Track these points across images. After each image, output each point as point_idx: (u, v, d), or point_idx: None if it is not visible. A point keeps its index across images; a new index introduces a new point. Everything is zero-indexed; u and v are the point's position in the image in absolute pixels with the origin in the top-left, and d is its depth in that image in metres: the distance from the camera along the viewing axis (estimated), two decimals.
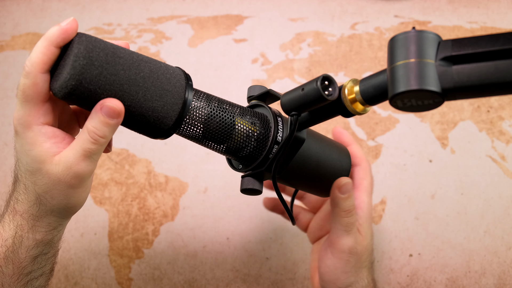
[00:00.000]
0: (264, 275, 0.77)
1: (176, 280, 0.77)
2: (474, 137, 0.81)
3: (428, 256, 0.75)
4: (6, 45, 0.95)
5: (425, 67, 0.41)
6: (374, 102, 0.46)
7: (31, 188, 0.48)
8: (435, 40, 0.42)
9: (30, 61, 0.45)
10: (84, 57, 0.43)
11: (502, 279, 0.73)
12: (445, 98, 0.42)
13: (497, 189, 0.77)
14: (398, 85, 0.41)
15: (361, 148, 0.66)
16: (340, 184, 0.58)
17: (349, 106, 0.47)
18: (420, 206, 0.78)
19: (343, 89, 0.47)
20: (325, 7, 0.94)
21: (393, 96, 0.42)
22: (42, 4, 0.99)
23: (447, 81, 0.41)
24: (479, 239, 0.75)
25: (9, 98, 0.90)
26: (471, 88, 0.41)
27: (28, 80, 0.46)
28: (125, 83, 0.46)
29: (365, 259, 0.61)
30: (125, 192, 0.81)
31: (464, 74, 0.41)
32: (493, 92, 0.41)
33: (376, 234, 0.77)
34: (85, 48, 0.44)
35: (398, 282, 0.74)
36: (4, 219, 0.51)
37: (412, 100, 0.42)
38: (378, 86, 0.45)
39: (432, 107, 0.43)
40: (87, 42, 0.44)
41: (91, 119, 0.46)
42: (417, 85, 0.41)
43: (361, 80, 0.46)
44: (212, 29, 0.94)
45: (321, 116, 0.50)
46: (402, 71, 0.42)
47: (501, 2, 0.91)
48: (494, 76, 0.40)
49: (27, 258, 0.50)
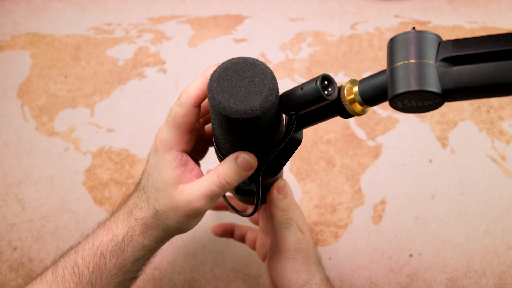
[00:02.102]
0: (264, 275, 0.77)
1: (176, 280, 0.77)
2: (474, 137, 0.81)
3: (428, 256, 0.75)
4: (6, 45, 0.95)
5: (425, 68, 0.41)
6: (374, 103, 0.46)
7: (152, 202, 0.52)
8: (435, 40, 0.42)
9: (187, 93, 0.49)
10: (276, 95, 0.46)
11: (502, 279, 0.73)
12: (445, 99, 0.41)
13: (497, 189, 0.77)
14: (398, 86, 0.41)
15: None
16: (278, 185, 0.60)
17: (348, 106, 0.46)
18: (420, 206, 0.78)
19: (342, 89, 0.46)
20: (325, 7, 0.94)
21: (393, 97, 0.42)
22: (42, 4, 0.99)
23: (448, 82, 0.41)
24: (479, 239, 0.75)
25: (9, 98, 0.90)
26: (471, 89, 0.40)
27: (181, 109, 0.50)
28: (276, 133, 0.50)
29: (311, 254, 0.62)
30: (125, 192, 0.81)
31: (465, 75, 0.40)
32: (493, 93, 0.41)
33: (376, 234, 0.77)
34: (276, 86, 0.47)
35: (398, 282, 0.74)
36: (119, 218, 0.54)
37: (412, 101, 0.42)
38: (377, 87, 0.44)
39: (432, 108, 0.43)
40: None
41: (225, 165, 0.50)
42: (417, 86, 0.40)
43: (361, 81, 0.46)
44: (212, 29, 0.94)
45: (319, 116, 0.50)
46: (402, 72, 0.41)
47: (501, 2, 0.91)
48: (495, 77, 0.39)
49: (131, 257, 0.54)
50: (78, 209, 0.80)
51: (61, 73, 0.92)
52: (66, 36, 0.96)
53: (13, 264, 0.76)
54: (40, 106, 0.89)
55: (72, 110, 0.88)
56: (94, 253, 0.53)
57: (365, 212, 0.78)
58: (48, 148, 0.85)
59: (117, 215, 0.55)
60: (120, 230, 0.53)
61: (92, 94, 0.90)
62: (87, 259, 0.53)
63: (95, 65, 0.93)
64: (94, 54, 0.93)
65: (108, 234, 0.53)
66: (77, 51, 0.94)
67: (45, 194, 0.81)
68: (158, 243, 0.55)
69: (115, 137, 0.85)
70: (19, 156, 0.84)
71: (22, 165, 0.83)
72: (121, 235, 0.53)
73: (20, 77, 0.92)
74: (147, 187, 0.53)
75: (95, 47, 0.94)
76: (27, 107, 0.89)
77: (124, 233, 0.53)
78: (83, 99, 0.89)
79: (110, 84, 0.91)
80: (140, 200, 0.53)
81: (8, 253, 0.77)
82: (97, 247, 0.53)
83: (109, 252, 0.53)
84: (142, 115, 0.87)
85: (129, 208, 0.54)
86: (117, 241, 0.53)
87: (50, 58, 0.93)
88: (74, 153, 0.84)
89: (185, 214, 0.52)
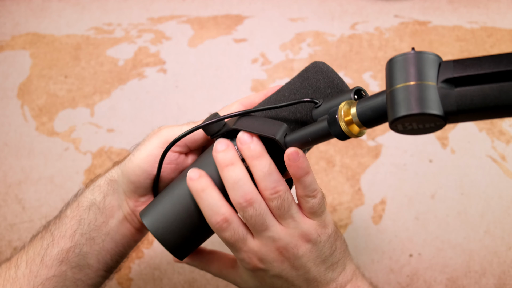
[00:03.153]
0: None
1: (176, 280, 0.77)
2: (474, 137, 0.81)
3: (428, 256, 0.75)
4: (6, 45, 0.95)
5: (426, 90, 0.39)
6: (372, 125, 0.44)
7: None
8: (435, 61, 0.41)
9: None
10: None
11: (502, 279, 0.73)
12: (447, 121, 0.40)
13: (497, 189, 0.77)
14: (399, 109, 0.40)
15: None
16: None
17: (345, 128, 0.45)
18: (420, 206, 0.78)
19: (339, 110, 0.45)
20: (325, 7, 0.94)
21: (394, 120, 0.40)
22: (42, 4, 0.99)
23: (450, 104, 0.39)
24: (479, 239, 0.75)
25: (9, 98, 0.90)
26: (474, 110, 0.39)
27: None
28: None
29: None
30: None
31: (467, 96, 0.39)
32: (497, 114, 0.39)
33: (376, 234, 0.77)
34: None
35: (398, 282, 0.74)
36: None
37: (413, 124, 0.41)
38: (376, 109, 0.43)
39: (433, 129, 0.41)
40: None
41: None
42: (418, 109, 0.39)
43: (358, 102, 0.45)
44: (212, 29, 0.94)
45: (313, 140, 0.48)
46: (402, 94, 0.40)
47: (501, 2, 0.91)
48: (499, 99, 0.38)
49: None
50: None
51: (61, 73, 0.92)
52: (66, 36, 0.96)
53: None
54: (40, 106, 0.89)
55: (72, 110, 0.88)
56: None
57: (365, 212, 0.78)
58: (48, 148, 0.85)
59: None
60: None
61: (92, 94, 0.90)
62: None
63: (95, 65, 0.93)
64: (94, 54, 0.93)
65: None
66: (77, 51, 0.94)
67: (45, 194, 0.81)
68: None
69: (115, 137, 0.85)
70: (19, 156, 0.84)
71: (22, 165, 0.83)
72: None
73: (20, 77, 0.92)
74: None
75: (95, 47, 0.94)
76: (27, 107, 0.89)
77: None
78: (83, 99, 0.89)
79: (110, 84, 0.91)
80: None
81: (8, 253, 0.77)
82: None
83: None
84: (142, 115, 0.87)
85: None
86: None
87: (50, 58, 0.93)
88: (74, 153, 0.84)
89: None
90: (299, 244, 0.49)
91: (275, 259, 0.49)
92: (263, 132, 0.48)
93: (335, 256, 0.52)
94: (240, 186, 0.47)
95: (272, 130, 0.48)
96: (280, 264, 0.49)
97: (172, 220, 0.51)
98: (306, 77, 0.51)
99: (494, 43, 0.85)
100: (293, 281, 0.51)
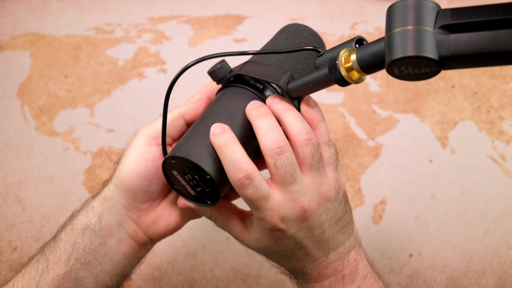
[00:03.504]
0: (264, 275, 0.77)
1: (176, 280, 0.77)
2: (474, 137, 0.81)
3: (428, 256, 0.75)
4: (6, 45, 0.95)
5: (423, 34, 0.41)
6: (371, 71, 0.46)
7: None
8: (434, 8, 0.42)
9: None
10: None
11: (502, 279, 0.73)
12: (442, 67, 0.42)
13: (497, 189, 0.77)
14: (395, 52, 0.41)
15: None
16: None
17: (345, 74, 0.47)
18: (420, 206, 0.78)
19: (339, 57, 0.47)
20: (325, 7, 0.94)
21: (390, 63, 0.42)
22: (42, 4, 0.99)
23: (445, 49, 0.41)
24: (479, 239, 0.75)
25: (9, 98, 0.90)
26: (468, 56, 0.40)
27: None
28: None
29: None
30: None
31: (462, 42, 0.40)
32: (490, 61, 0.41)
33: (376, 234, 0.77)
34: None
35: (398, 282, 0.74)
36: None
37: (409, 68, 0.42)
38: (375, 54, 0.45)
39: (429, 76, 0.43)
40: None
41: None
42: (414, 51, 0.40)
43: (358, 49, 0.46)
44: (212, 29, 0.94)
45: (315, 86, 0.49)
46: (399, 37, 0.41)
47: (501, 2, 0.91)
48: (492, 46, 0.40)
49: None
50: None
51: (61, 73, 0.92)
52: (66, 36, 0.96)
53: (13, 264, 0.76)
54: (40, 106, 0.89)
55: (72, 110, 0.88)
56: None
57: (365, 212, 0.78)
58: (48, 148, 0.85)
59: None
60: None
61: (92, 94, 0.90)
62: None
63: (95, 65, 0.93)
64: (94, 54, 0.93)
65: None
66: (77, 51, 0.94)
67: (45, 194, 0.81)
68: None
69: (115, 137, 0.85)
70: (19, 156, 0.84)
71: (22, 165, 0.83)
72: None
73: (20, 77, 0.92)
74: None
75: (95, 47, 0.94)
76: (27, 107, 0.89)
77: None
78: (83, 99, 0.89)
79: (110, 84, 0.91)
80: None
81: (8, 253, 0.77)
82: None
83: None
84: (142, 115, 0.87)
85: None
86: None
87: (50, 58, 0.93)
88: (74, 153, 0.84)
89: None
90: (321, 202, 0.49)
91: (297, 217, 0.48)
92: (267, 77, 0.50)
93: (345, 218, 0.51)
94: (274, 133, 0.47)
95: (276, 76, 0.50)
96: (300, 223, 0.48)
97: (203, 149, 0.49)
98: (285, 31, 0.56)
99: None
100: (307, 242, 0.50)
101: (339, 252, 0.51)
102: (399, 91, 0.84)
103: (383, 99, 0.84)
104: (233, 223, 0.53)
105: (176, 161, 0.48)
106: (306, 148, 0.48)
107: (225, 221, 0.53)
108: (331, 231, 0.50)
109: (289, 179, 0.47)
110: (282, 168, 0.47)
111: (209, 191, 0.49)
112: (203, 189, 0.49)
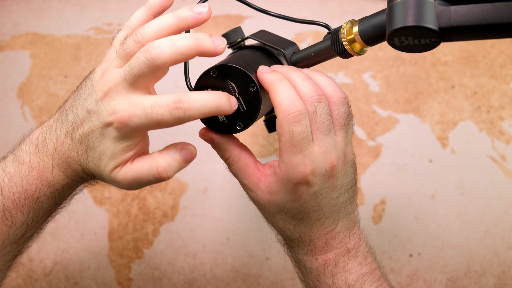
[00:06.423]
0: (264, 275, 0.77)
1: (176, 280, 0.77)
2: (474, 137, 0.81)
3: (428, 256, 0.75)
4: (6, 45, 0.95)
5: (423, 5, 0.41)
6: (373, 42, 0.47)
7: (82, 151, 0.49)
8: None
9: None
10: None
11: (502, 279, 0.73)
12: (442, 38, 0.42)
13: (497, 189, 0.77)
14: (396, 22, 0.42)
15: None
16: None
17: (347, 46, 0.47)
18: (420, 206, 0.78)
19: (341, 29, 0.48)
20: (325, 7, 0.94)
21: (391, 33, 0.42)
22: (42, 4, 0.99)
23: (445, 20, 0.41)
24: (479, 239, 0.75)
25: (9, 98, 0.90)
26: (468, 28, 0.41)
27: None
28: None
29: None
30: (125, 192, 0.81)
31: (462, 14, 0.41)
32: (490, 34, 0.41)
33: (376, 234, 0.77)
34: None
35: (398, 282, 0.74)
36: (52, 162, 0.50)
37: (409, 39, 0.43)
38: (377, 26, 0.45)
39: (429, 47, 0.43)
40: None
41: (167, 156, 0.46)
42: (414, 21, 0.41)
43: (360, 20, 0.47)
44: (212, 29, 0.94)
45: (317, 57, 0.51)
46: (400, 8, 0.42)
47: None
48: (492, 18, 0.40)
49: (68, 197, 0.52)
50: (78, 209, 0.80)
51: (61, 73, 0.92)
52: (66, 36, 0.96)
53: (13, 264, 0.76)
54: (40, 106, 0.89)
55: None
56: (30, 199, 0.48)
57: (365, 212, 0.78)
58: None
59: (47, 154, 0.49)
60: (57, 178, 0.48)
61: None
62: (20, 203, 0.48)
63: (95, 65, 0.93)
64: (94, 54, 0.93)
65: (43, 182, 0.48)
66: (77, 51, 0.94)
67: None
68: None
69: None
70: None
71: None
72: (59, 185, 0.49)
73: (20, 77, 0.92)
74: (79, 128, 0.47)
75: (95, 47, 0.94)
76: (27, 107, 0.89)
77: (64, 183, 0.49)
78: None
79: None
80: (71, 141, 0.48)
81: None
82: (32, 194, 0.48)
83: (47, 197, 0.49)
84: None
85: (58, 147, 0.48)
86: (56, 188, 0.49)
87: (50, 58, 0.93)
88: None
89: (110, 180, 0.47)
90: (345, 162, 0.49)
91: (326, 173, 0.47)
92: (275, 44, 0.53)
93: (354, 189, 0.51)
94: (310, 82, 0.47)
95: (283, 45, 0.53)
96: (326, 181, 0.48)
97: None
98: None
99: (494, 43, 0.85)
100: (324, 204, 0.49)
101: (346, 223, 0.51)
102: (399, 91, 0.84)
103: (383, 99, 0.84)
104: (250, 170, 0.50)
105: (218, 74, 0.47)
106: (342, 106, 0.48)
107: (242, 167, 0.50)
108: (344, 198, 0.50)
109: (325, 129, 0.47)
110: (321, 115, 0.46)
111: (245, 112, 0.47)
112: (237, 110, 0.47)
